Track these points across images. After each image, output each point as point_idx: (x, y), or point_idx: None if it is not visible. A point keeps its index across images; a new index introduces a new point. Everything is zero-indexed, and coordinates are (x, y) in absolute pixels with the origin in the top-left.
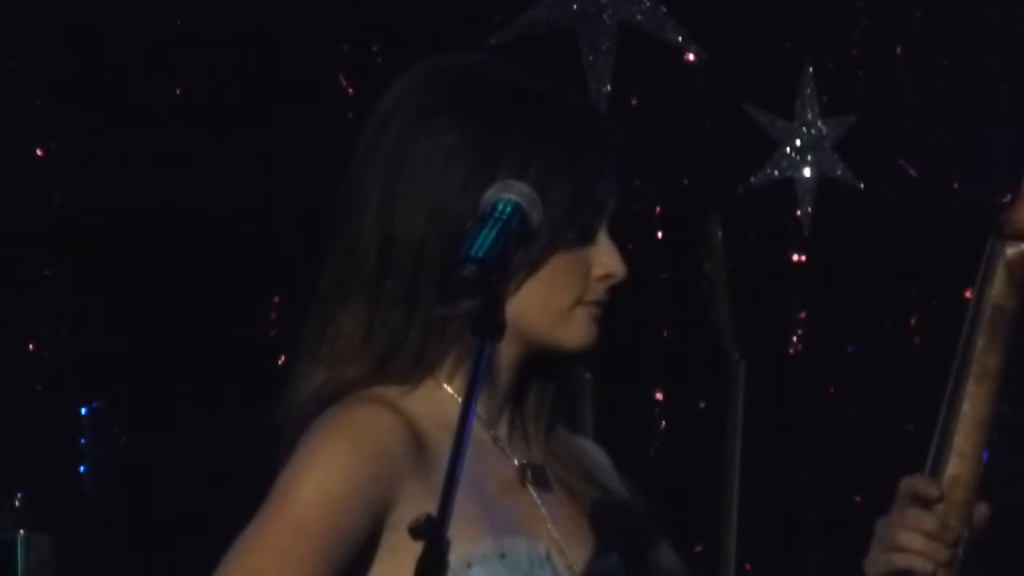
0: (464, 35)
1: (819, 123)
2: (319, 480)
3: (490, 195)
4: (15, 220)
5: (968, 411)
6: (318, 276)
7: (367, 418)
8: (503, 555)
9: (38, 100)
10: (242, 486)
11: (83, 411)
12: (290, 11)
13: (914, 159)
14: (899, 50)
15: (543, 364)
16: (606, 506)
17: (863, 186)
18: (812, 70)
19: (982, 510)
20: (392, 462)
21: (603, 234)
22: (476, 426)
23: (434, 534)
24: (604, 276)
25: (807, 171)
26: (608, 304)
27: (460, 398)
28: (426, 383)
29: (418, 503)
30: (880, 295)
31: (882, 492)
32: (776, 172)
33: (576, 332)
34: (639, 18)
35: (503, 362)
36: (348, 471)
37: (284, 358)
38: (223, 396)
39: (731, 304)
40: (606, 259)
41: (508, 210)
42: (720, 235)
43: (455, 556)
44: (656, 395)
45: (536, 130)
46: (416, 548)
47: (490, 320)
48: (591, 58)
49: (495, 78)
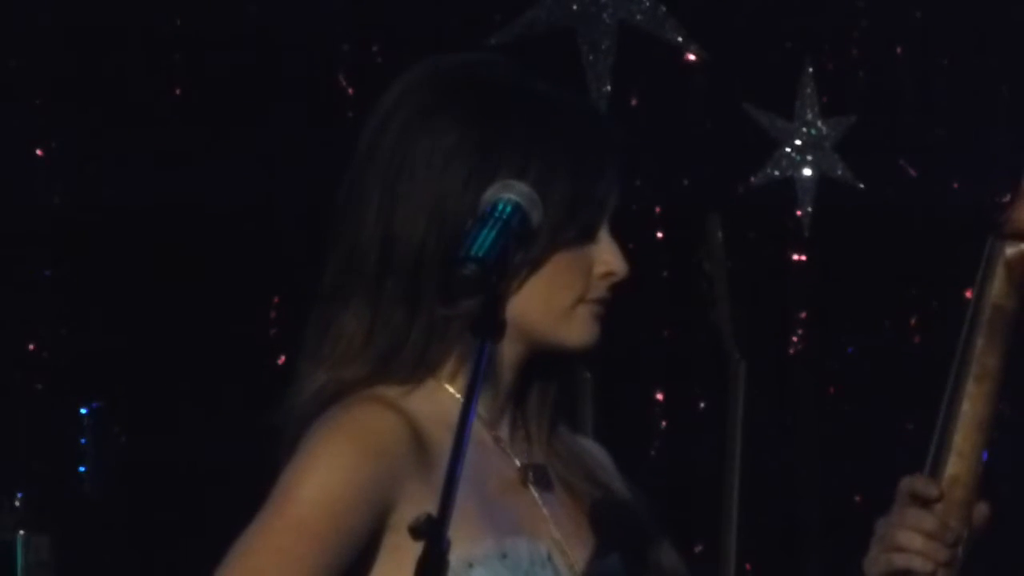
0: (464, 35)
1: (819, 123)
2: (320, 480)
3: (490, 195)
4: (15, 220)
5: (968, 411)
6: (318, 276)
7: (368, 418)
8: (504, 555)
9: (38, 100)
10: (242, 486)
11: (83, 411)
12: (290, 11)
13: (914, 159)
14: (899, 50)
15: (545, 363)
16: (607, 506)
17: (863, 186)
18: (812, 70)
19: (982, 510)
20: (393, 462)
21: (604, 232)
22: (477, 426)
23: (434, 534)
24: (606, 274)
25: (807, 171)
26: (610, 302)
27: (462, 398)
28: (428, 383)
29: (419, 503)
30: (880, 295)
31: (882, 492)
32: (776, 172)
33: (578, 330)
34: (639, 18)
35: (505, 361)
36: (349, 471)
37: (284, 358)
38: (223, 396)
39: (731, 304)
40: (608, 257)
41: (508, 210)
42: (720, 235)
43: (456, 556)
44: (656, 395)
45: (536, 130)
46: (417, 548)
47: (490, 320)
48: (591, 58)
49: (495, 78)
